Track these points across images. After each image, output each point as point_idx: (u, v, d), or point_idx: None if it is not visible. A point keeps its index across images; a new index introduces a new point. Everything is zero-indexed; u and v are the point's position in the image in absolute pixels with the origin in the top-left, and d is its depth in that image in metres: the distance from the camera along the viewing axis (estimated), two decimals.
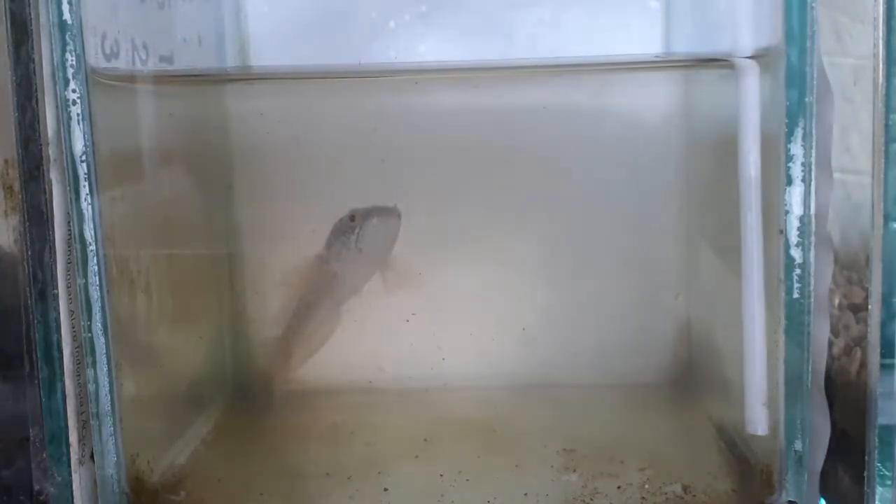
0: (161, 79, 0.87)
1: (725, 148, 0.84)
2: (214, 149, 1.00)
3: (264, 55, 1.00)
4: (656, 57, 0.96)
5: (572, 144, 0.99)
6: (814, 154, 0.66)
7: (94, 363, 0.71)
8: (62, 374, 0.71)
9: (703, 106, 0.94)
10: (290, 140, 0.97)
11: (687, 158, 0.98)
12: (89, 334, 0.70)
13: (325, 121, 0.97)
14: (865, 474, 0.67)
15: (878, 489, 0.67)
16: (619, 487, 0.77)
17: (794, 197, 0.67)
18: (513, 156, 0.98)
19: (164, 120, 0.89)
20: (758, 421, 0.73)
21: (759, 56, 0.71)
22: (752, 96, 0.71)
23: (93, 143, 0.69)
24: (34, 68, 0.68)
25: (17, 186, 0.70)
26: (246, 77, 1.01)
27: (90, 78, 0.69)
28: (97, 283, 0.70)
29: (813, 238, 0.67)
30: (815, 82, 0.65)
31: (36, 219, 0.70)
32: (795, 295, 0.68)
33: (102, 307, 0.70)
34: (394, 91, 0.97)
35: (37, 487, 0.72)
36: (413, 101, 0.97)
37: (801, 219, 0.67)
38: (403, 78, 0.95)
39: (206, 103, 0.98)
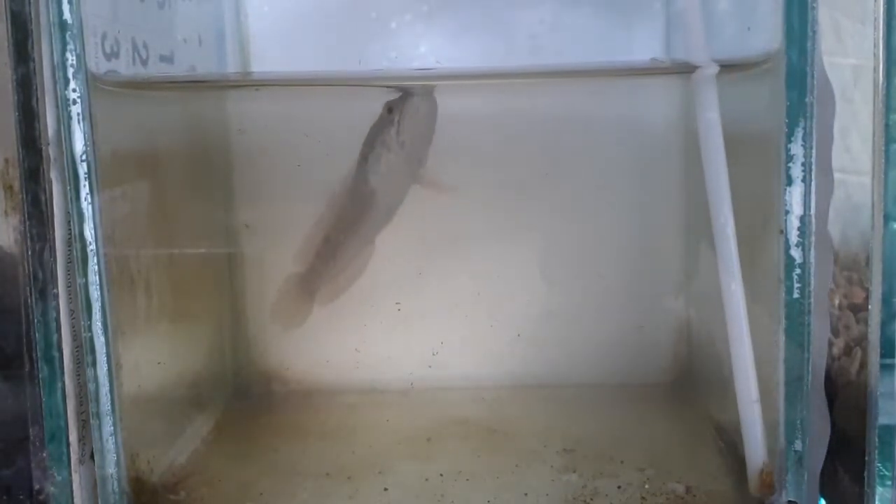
0: (163, 84, 0.87)
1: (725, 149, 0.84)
2: (215, 150, 1.00)
3: (264, 55, 1.00)
4: (654, 60, 0.96)
5: (573, 146, 0.99)
6: (814, 154, 0.66)
7: (94, 363, 0.71)
8: (62, 373, 0.71)
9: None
10: (290, 142, 0.97)
11: (687, 160, 0.98)
12: (89, 334, 0.70)
13: (327, 124, 0.97)
14: (865, 474, 0.67)
15: (878, 489, 0.67)
16: (619, 487, 0.77)
17: (794, 197, 0.67)
18: (514, 158, 0.98)
19: (164, 120, 0.89)
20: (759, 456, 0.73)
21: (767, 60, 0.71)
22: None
23: (93, 142, 0.69)
24: (34, 68, 0.68)
25: (17, 186, 0.70)
26: (250, 83, 1.01)
27: (91, 81, 0.69)
28: (97, 282, 0.70)
29: (813, 238, 0.67)
30: (815, 82, 0.65)
31: (36, 218, 0.70)
32: (795, 295, 0.68)
33: (102, 307, 0.70)
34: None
35: (37, 487, 0.72)
36: None
37: (801, 219, 0.67)
38: (410, 84, 0.95)
39: (207, 106, 0.99)
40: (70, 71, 0.67)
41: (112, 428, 0.72)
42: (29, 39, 0.68)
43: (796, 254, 0.67)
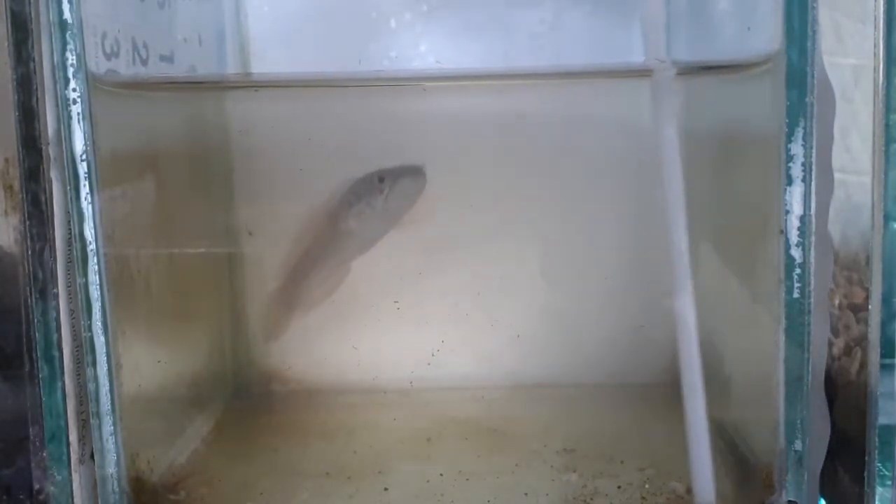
0: (163, 84, 0.87)
1: (724, 150, 0.84)
2: (215, 150, 1.00)
3: (264, 55, 1.00)
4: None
5: (573, 146, 0.99)
6: (814, 154, 0.66)
7: (94, 362, 0.71)
8: (62, 373, 0.71)
9: (702, 109, 0.94)
10: (290, 142, 0.97)
11: (686, 161, 0.98)
12: (89, 333, 0.70)
13: (327, 124, 0.97)
14: (865, 474, 0.67)
15: (878, 489, 0.67)
16: (619, 487, 0.77)
17: (794, 197, 0.67)
18: (514, 157, 0.98)
19: (164, 120, 0.89)
20: (706, 491, 0.72)
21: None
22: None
23: (93, 142, 0.69)
24: (34, 67, 0.68)
25: (17, 186, 0.69)
26: (250, 84, 1.01)
27: (91, 81, 0.69)
28: (97, 282, 0.70)
29: (813, 238, 0.67)
30: (815, 82, 0.65)
31: (36, 218, 0.70)
32: (795, 295, 0.68)
33: (102, 306, 0.70)
34: (397, 95, 0.97)
35: (37, 486, 0.72)
36: (415, 105, 0.97)
37: (801, 219, 0.67)
38: (410, 84, 0.95)
39: (207, 106, 0.99)
40: (70, 70, 0.67)
41: (112, 428, 0.72)
42: (29, 39, 0.68)
43: (796, 254, 0.67)
